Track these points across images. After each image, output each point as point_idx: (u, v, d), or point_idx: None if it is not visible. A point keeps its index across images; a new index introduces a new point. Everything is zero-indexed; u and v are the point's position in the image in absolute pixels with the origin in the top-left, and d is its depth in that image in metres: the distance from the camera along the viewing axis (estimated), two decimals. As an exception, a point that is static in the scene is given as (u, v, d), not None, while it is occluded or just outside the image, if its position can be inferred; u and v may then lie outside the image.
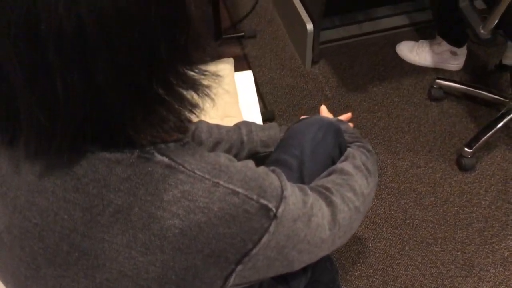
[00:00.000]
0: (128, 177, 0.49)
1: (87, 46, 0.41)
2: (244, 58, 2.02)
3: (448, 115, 1.80)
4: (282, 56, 2.02)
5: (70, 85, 0.42)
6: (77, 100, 0.43)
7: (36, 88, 0.42)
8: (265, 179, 0.54)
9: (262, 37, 2.09)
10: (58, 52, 0.40)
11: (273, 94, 1.89)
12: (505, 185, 1.60)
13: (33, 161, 0.50)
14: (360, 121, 1.78)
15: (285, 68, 1.98)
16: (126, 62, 0.44)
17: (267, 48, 2.05)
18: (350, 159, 0.80)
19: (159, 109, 0.50)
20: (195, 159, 0.51)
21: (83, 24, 0.40)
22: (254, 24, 2.13)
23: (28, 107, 0.43)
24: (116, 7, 0.41)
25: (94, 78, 0.43)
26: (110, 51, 0.42)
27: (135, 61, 0.44)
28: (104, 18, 0.41)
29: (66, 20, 0.40)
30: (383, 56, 1.99)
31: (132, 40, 0.43)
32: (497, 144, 1.71)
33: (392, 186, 1.60)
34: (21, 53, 0.41)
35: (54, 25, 0.39)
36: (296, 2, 1.94)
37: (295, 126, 0.86)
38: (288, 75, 1.95)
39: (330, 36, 2.05)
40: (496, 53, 1.95)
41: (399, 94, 1.86)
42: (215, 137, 0.88)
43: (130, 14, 0.42)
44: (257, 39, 2.08)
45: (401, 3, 2.13)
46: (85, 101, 0.43)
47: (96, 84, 0.43)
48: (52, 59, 0.41)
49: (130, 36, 0.43)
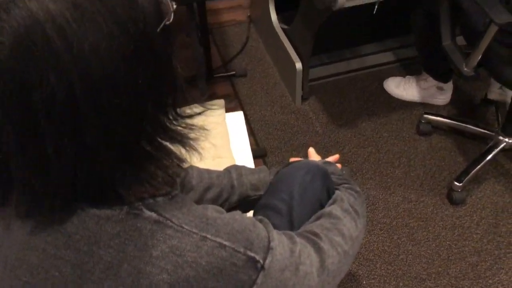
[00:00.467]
0: (117, 233, 0.50)
1: (78, 111, 0.43)
2: (235, 96, 2.05)
3: (437, 149, 1.83)
4: (272, 94, 2.06)
5: (61, 149, 0.44)
6: (67, 162, 0.45)
7: (28, 153, 0.44)
8: (252, 230, 0.55)
9: (252, 76, 2.13)
10: (49, 118, 0.42)
11: (265, 131, 1.91)
12: (495, 218, 1.61)
13: (24, 219, 0.51)
14: (351, 157, 1.81)
15: (276, 105, 2.01)
16: (115, 124, 0.46)
17: (257, 86, 2.09)
18: (339, 202, 0.81)
19: (147, 165, 0.51)
20: (182, 213, 0.53)
21: (74, 91, 0.42)
22: (245, 63, 2.18)
23: (19, 170, 0.44)
24: (105, 74, 0.43)
25: (84, 141, 0.44)
26: (99, 116, 0.44)
27: (124, 123, 0.46)
28: (94, 84, 0.43)
29: (58, 88, 0.42)
30: (371, 92, 2.03)
31: (121, 104, 0.45)
32: (486, 177, 1.73)
33: (384, 222, 1.61)
34: (13, 120, 0.42)
35: (46, 93, 0.41)
36: (284, 41, 1.99)
37: (284, 170, 0.88)
38: (279, 112, 1.98)
39: (319, 74, 2.09)
40: (481, 87, 2.00)
41: (388, 129, 1.89)
42: (205, 182, 0.89)
43: (118, 80, 0.44)
44: (248, 78, 2.12)
45: (387, 40, 2.19)
46: (76, 163, 0.45)
47: (86, 146, 0.45)
48: (43, 125, 0.42)
49: (119, 101, 0.45)
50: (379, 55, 2.16)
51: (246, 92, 2.06)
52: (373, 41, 2.19)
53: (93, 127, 0.44)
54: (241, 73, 2.12)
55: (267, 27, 2.10)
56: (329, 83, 2.08)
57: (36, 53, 0.40)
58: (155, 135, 0.51)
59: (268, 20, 2.06)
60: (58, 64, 0.41)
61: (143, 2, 0.46)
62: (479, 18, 1.46)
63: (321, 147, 1.84)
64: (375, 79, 2.07)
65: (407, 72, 2.08)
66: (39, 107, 0.42)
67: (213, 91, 2.07)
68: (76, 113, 0.43)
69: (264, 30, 2.19)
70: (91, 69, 0.43)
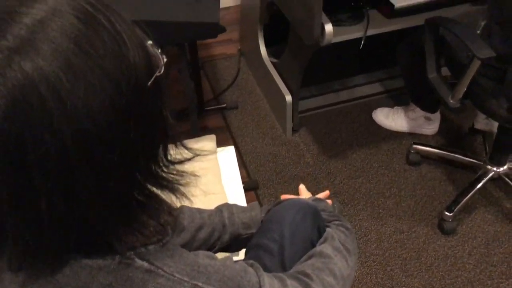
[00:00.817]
0: (110, 283, 0.50)
1: (71, 167, 0.44)
2: (227, 128, 2.07)
3: (427, 179, 1.84)
4: (263, 126, 2.08)
5: (54, 204, 0.44)
6: (61, 217, 0.45)
7: (21, 209, 0.44)
8: (243, 277, 0.55)
9: (243, 108, 2.15)
10: (43, 176, 0.43)
11: (256, 163, 1.92)
12: (487, 247, 1.62)
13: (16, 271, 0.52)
14: (342, 188, 1.82)
15: (267, 137, 2.03)
16: (108, 177, 0.47)
17: (248, 118, 2.11)
18: (329, 241, 0.82)
19: (139, 215, 0.52)
20: (174, 261, 0.53)
21: (67, 149, 0.43)
22: (236, 96, 2.20)
23: (13, 226, 0.45)
24: (98, 130, 0.44)
25: (77, 195, 0.45)
26: (92, 170, 0.45)
27: (116, 176, 0.47)
28: (87, 141, 0.44)
29: (52, 147, 0.42)
30: (360, 122, 2.06)
31: (114, 159, 0.46)
32: (476, 206, 1.75)
33: (377, 253, 1.61)
34: (7, 178, 0.43)
35: (40, 152, 0.42)
36: (274, 74, 2.03)
37: (275, 209, 0.89)
38: (270, 144, 2.00)
39: (309, 105, 2.13)
40: (468, 116, 2.04)
41: (378, 160, 1.92)
42: (197, 222, 0.90)
43: (111, 135, 0.45)
44: (239, 110, 2.14)
45: (375, 72, 2.24)
46: (69, 218, 0.46)
47: (79, 200, 0.46)
48: (37, 182, 0.43)
49: (111, 155, 0.46)
50: (368, 86, 2.20)
51: (237, 124, 2.08)
52: (361, 73, 2.24)
53: (86, 181, 0.45)
54: (232, 106, 2.14)
55: (257, 60, 2.14)
56: (319, 115, 2.11)
57: (31, 114, 0.41)
58: (146, 184, 0.52)
59: (258, 53, 2.10)
60: (52, 123, 0.42)
61: (134, 57, 0.48)
62: (462, 52, 1.50)
63: (313, 178, 1.85)
64: (364, 110, 2.11)
65: (395, 103, 2.11)
66: (33, 165, 0.42)
67: (205, 124, 2.09)
68: (69, 169, 0.44)
69: (254, 64, 2.23)
70: (84, 126, 0.44)
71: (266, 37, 2.07)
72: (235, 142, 2.00)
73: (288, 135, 2.03)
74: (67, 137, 0.43)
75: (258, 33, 2.06)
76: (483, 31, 1.52)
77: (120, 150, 0.46)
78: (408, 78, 1.89)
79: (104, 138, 0.45)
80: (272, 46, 2.10)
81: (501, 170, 1.71)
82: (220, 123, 2.09)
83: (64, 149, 0.43)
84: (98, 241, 0.50)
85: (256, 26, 2.05)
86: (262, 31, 2.05)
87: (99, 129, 0.44)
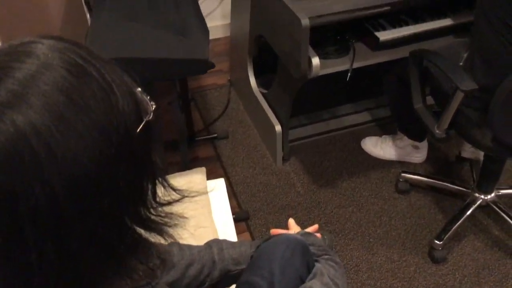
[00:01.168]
0: (98, 329, 0.50)
1: (61, 217, 0.45)
2: (218, 158, 2.08)
3: (416, 207, 1.86)
4: (254, 155, 2.09)
5: (44, 253, 0.45)
6: (51, 268, 0.46)
7: (11, 260, 0.45)
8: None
9: (234, 138, 2.17)
10: (34, 227, 0.44)
11: (247, 193, 1.93)
12: (477, 276, 1.63)
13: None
14: (333, 217, 1.83)
15: (258, 167, 2.04)
16: (97, 225, 0.47)
17: (239, 148, 2.13)
18: (318, 277, 0.83)
19: (128, 260, 0.53)
20: (163, 305, 0.54)
21: (58, 199, 0.44)
22: (226, 126, 2.23)
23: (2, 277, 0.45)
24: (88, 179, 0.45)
25: (67, 245, 0.46)
26: (82, 219, 0.46)
27: (106, 225, 0.48)
28: (76, 191, 0.45)
29: (42, 197, 0.43)
30: (349, 151, 2.09)
31: (103, 206, 0.47)
32: (465, 234, 1.76)
33: (369, 283, 1.61)
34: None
35: (31, 205, 0.43)
36: (264, 105, 2.05)
37: (264, 245, 0.89)
38: (261, 173, 2.01)
39: (298, 134, 2.15)
40: (455, 144, 2.08)
41: (368, 188, 1.93)
42: (186, 259, 0.90)
43: (101, 184, 0.46)
44: (229, 140, 2.16)
45: (363, 101, 2.28)
46: (59, 267, 0.46)
47: (69, 249, 0.46)
48: (28, 233, 0.44)
49: (101, 203, 0.47)
50: (356, 115, 2.24)
51: (228, 154, 2.10)
52: (349, 102, 2.28)
53: (76, 230, 0.46)
54: (222, 136, 2.16)
55: (247, 91, 2.17)
56: (308, 144, 2.13)
57: (23, 166, 0.42)
58: (135, 228, 0.53)
59: (247, 84, 2.13)
60: (43, 175, 0.43)
61: (123, 106, 0.49)
62: (446, 83, 1.54)
63: (303, 208, 1.86)
64: (353, 139, 2.13)
65: (383, 131, 2.14)
66: (24, 216, 0.43)
67: (196, 154, 2.10)
68: (60, 219, 0.44)
69: (244, 94, 2.26)
70: (74, 176, 0.44)
71: (255, 67, 2.11)
72: (225, 172, 2.01)
73: (279, 165, 2.04)
74: (57, 187, 0.44)
75: (247, 65, 2.09)
76: (466, 63, 1.56)
77: (110, 197, 0.47)
78: (395, 108, 1.92)
79: (94, 187, 0.46)
80: (261, 76, 2.14)
81: (489, 198, 1.73)
82: (211, 153, 2.11)
83: (55, 199, 0.44)
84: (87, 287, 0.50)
85: (245, 57, 2.09)
86: (252, 62, 2.09)
87: (89, 178, 0.45)
